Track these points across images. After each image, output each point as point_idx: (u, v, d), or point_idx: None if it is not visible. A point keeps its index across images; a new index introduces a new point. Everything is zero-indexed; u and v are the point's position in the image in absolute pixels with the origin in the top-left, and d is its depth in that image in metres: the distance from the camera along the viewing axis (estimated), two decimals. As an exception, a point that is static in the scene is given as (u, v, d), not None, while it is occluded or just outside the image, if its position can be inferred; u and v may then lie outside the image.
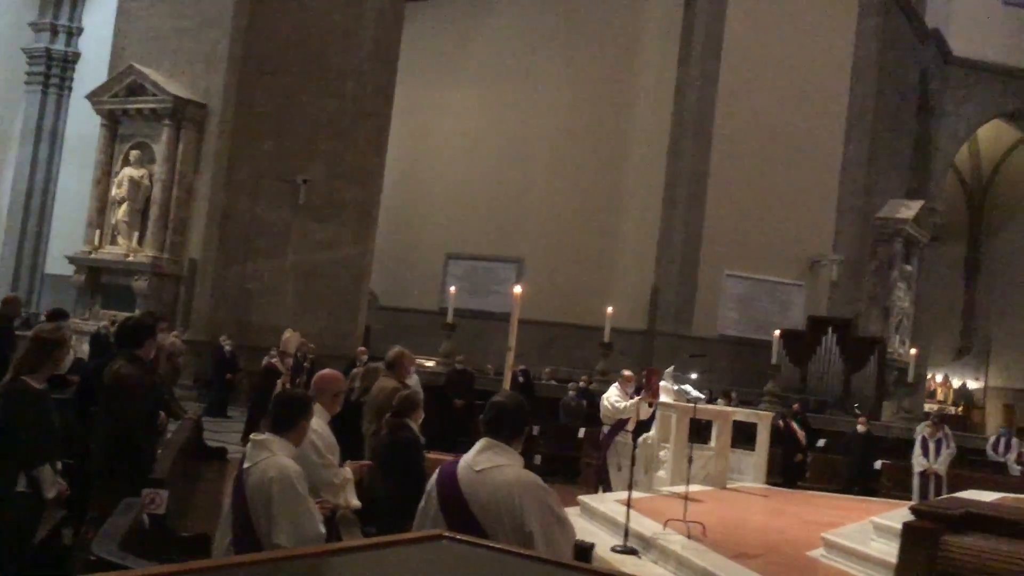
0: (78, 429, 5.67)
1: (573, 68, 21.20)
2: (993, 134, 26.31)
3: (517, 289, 8.47)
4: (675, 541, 6.67)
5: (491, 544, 2.12)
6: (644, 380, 10.40)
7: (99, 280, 17.28)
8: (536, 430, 12.98)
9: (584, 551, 3.85)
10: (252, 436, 3.83)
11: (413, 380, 12.45)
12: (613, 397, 10.04)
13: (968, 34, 24.07)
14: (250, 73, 17.18)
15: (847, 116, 19.70)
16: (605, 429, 10.14)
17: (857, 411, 18.21)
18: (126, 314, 11.30)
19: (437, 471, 3.43)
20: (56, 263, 21.08)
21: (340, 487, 4.47)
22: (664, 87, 20.20)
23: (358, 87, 17.88)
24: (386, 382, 6.54)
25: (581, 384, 14.87)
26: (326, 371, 4.79)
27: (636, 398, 9.83)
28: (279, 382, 11.82)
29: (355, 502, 4.61)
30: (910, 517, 3.19)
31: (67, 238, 20.02)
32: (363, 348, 15.05)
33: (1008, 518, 2.85)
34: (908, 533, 2.60)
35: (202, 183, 16.92)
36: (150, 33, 17.45)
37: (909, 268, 20.39)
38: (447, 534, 1.95)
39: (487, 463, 3.29)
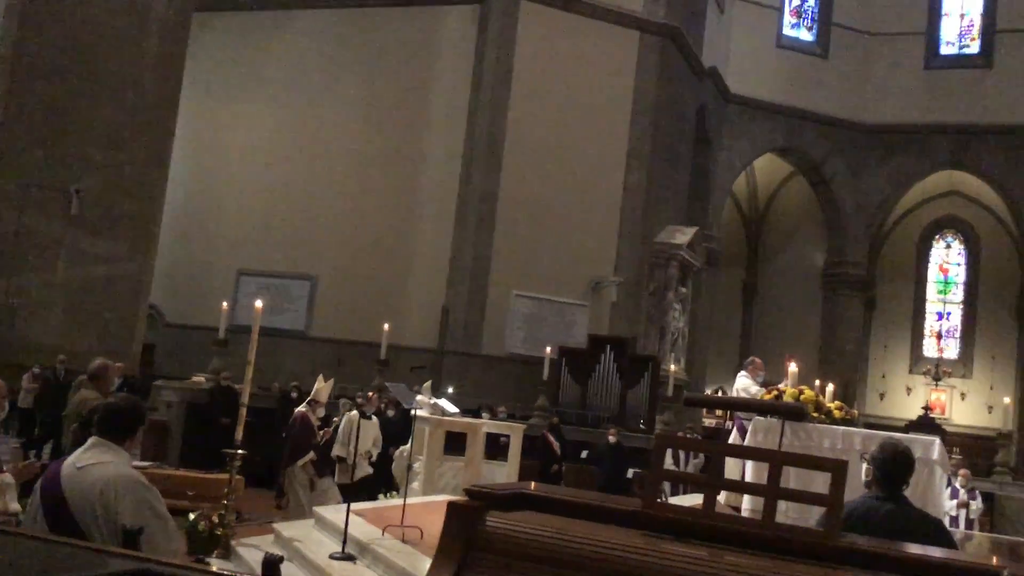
0: None
1: (369, 88, 21.36)
2: (768, 167, 28.33)
3: (258, 303, 8.55)
4: (388, 546, 6.87)
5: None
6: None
7: None
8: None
9: (271, 564, 3.77)
10: None
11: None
12: (752, 388, 9.02)
13: (743, 74, 25.88)
14: (20, 77, 16.42)
15: (628, 146, 20.76)
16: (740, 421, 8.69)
17: (642, 426, 19.21)
18: None
19: (46, 470, 3.48)
20: None
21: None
22: (457, 111, 20.68)
23: (138, 97, 17.40)
24: (87, 393, 6.47)
25: (358, 399, 14.89)
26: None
27: (782, 385, 8.68)
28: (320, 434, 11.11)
29: (14, 506, 4.55)
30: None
31: None
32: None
33: (556, 497, 3.16)
34: (452, 509, 2.85)
35: (-38, 191, 16.00)
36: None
37: (684, 290, 21.64)
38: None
39: (90, 460, 3.35)
